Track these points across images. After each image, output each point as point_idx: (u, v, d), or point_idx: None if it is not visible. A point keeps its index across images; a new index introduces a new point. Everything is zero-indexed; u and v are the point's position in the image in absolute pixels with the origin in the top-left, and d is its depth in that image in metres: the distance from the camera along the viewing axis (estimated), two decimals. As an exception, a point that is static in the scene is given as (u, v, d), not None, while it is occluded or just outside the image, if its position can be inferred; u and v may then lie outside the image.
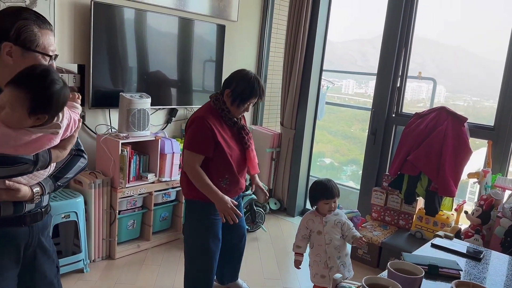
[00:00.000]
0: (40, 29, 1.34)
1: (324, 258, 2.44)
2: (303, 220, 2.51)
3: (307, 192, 4.40)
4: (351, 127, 7.86)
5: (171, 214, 3.56)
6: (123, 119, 3.14)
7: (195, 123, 2.29)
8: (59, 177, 1.46)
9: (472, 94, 6.03)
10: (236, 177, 2.39)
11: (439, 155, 3.20)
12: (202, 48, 3.81)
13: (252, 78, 2.31)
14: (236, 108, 2.34)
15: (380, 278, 1.04)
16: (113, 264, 3.09)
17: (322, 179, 2.51)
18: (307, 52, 4.04)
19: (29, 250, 1.46)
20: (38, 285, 1.52)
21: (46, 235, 1.53)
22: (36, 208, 1.43)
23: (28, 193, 1.35)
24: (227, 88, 2.33)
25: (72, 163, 1.49)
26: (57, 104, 1.27)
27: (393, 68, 3.60)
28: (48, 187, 1.42)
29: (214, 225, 2.43)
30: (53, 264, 1.58)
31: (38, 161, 1.29)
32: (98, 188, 3.00)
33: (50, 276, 1.56)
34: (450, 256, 1.51)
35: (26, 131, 1.23)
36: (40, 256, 1.50)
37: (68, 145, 1.38)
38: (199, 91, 3.89)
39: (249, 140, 2.44)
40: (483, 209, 2.83)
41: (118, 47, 3.23)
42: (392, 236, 3.40)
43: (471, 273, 1.39)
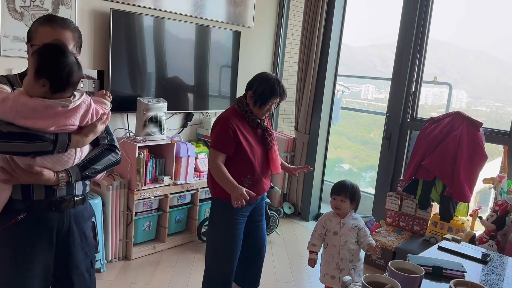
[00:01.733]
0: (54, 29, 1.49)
1: (336, 259, 2.45)
2: (321, 218, 2.54)
3: (321, 197, 4.41)
4: (371, 133, 7.81)
5: (186, 217, 3.63)
6: (140, 123, 3.22)
7: (219, 124, 2.40)
8: (87, 166, 1.53)
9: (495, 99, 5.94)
10: (259, 176, 2.44)
11: (454, 160, 3.18)
12: (218, 54, 3.88)
13: (272, 79, 2.40)
14: (258, 109, 2.42)
15: (379, 276, 1.07)
16: (129, 265, 3.17)
17: (343, 179, 2.55)
18: (321, 57, 4.08)
19: (61, 236, 1.54)
20: (70, 273, 1.59)
21: (81, 225, 1.60)
22: (68, 195, 1.52)
23: (52, 177, 1.43)
24: (249, 90, 2.43)
25: (101, 156, 1.57)
26: (59, 72, 1.35)
27: (408, 73, 3.60)
28: (75, 175, 1.49)
29: (236, 225, 2.48)
30: (87, 257, 1.65)
31: (57, 140, 1.37)
32: (116, 190, 3.09)
33: (82, 268, 1.62)
34: (457, 258, 1.52)
35: (40, 101, 1.33)
36: (72, 244, 1.57)
37: (90, 133, 1.45)
38: (215, 96, 3.96)
39: (272, 141, 2.50)
40: (498, 214, 2.80)
41: (137, 54, 3.33)
42: (407, 242, 3.38)
43: (476, 275, 1.40)
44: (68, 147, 1.42)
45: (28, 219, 1.46)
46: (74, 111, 1.40)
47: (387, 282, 1.04)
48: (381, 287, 1.03)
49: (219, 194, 2.44)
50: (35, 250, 1.49)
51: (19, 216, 1.44)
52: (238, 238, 2.53)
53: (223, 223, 2.50)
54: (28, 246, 1.48)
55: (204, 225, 3.56)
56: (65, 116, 1.38)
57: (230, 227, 2.49)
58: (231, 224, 2.48)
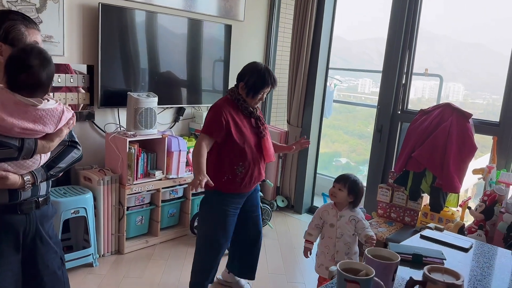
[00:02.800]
0: (27, 28, 1.47)
1: (332, 251, 2.46)
2: (319, 209, 2.55)
3: (314, 190, 4.43)
4: (368, 127, 7.82)
5: (178, 211, 3.64)
6: (131, 118, 3.23)
7: (213, 110, 2.45)
8: (52, 166, 1.53)
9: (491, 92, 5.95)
10: (251, 165, 2.46)
11: (444, 152, 3.19)
12: (210, 48, 3.88)
13: (262, 68, 2.44)
14: (251, 99, 2.47)
15: (355, 263, 1.08)
16: (122, 259, 3.18)
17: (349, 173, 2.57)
18: (313, 50, 4.08)
19: (28, 238, 1.52)
20: (41, 274, 1.58)
21: (46, 226, 1.59)
22: (33, 197, 1.50)
23: (17, 181, 1.41)
24: (240, 81, 2.47)
25: (64, 154, 1.56)
26: (16, 73, 1.34)
27: (398, 66, 3.61)
28: (40, 176, 1.48)
29: (225, 217, 2.50)
30: (56, 255, 1.64)
31: (23, 147, 1.35)
32: (107, 184, 3.10)
33: (53, 266, 1.61)
34: (438, 247, 1.54)
35: (11, 95, 1.32)
36: (40, 246, 1.56)
37: (56, 138, 1.44)
38: (208, 90, 3.96)
39: (264, 130, 2.53)
40: (486, 204, 2.82)
41: (126, 48, 3.32)
42: (397, 233, 3.40)
43: (455, 262, 1.42)
44: (33, 154, 1.40)
45: None
46: (44, 116, 1.38)
47: (362, 269, 1.05)
48: (356, 273, 1.04)
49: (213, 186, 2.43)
50: (1, 256, 1.46)
51: None
52: (226, 231, 2.53)
53: (212, 215, 2.51)
54: None
55: (196, 219, 3.58)
56: (34, 119, 1.35)
57: (218, 219, 2.50)
58: (220, 216, 2.49)
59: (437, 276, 1.02)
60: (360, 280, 1.00)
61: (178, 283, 2.90)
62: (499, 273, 1.36)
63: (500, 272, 1.37)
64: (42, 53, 1.40)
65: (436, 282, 0.99)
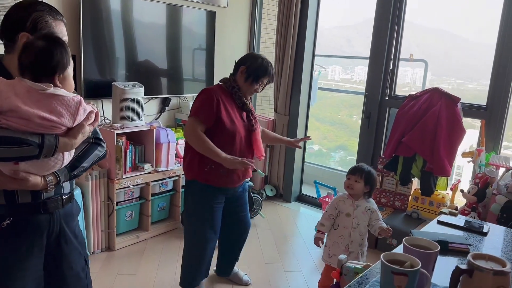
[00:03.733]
0: (54, 20, 1.41)
1: (346, 241, 2.44)
2: (334, 200, 2.52)
3: (302, 178, 4.42)
4: (339, 113, 7.90)
5: (169, 204, 3.55)
6: (117, 110, 3.10)
7: (203, 93, 2.34)
8: (76, 166, 1.43)
9: (456, 76, 6.10)
10: (238, 156, 2.37)
11: (434, 136, 3.23)
12: (192, 35, 3.77)
13: (264, 59, 2.40)
14: (249, 86, 2.37)
15: (398, 254, 1.05)
16: (113, 256, 3.08)
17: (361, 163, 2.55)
18: (299, 37, 4.03)
19: (52, 238, 1.45)
20: (64, 275, 1.50)
21: (72, 224, 1.52)
22: (56, 195, 1.42)
23: (39, 182, 1.32)
24: (242, 65, 2.37)
25: (89, 152, 1.47)
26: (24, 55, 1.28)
27: (386, 51, 3.61)
28: (63, 177, 1.40)
29: (211, 212, 2.41)
30: (81, 256, 1.57)
31: (43, 144, 1.25)
32: (95, 179, 2.98)
33: (77, 268, 1.54)
34: (456, 232, 1.54)
35: (23, 81, 1.25)
36: (64, 245, 1.49)
37: (78, 134, 1.34)
38: (190, 80, 3.85)
39: (255, 123, 2.45)
40: (478, 187, 2.88)
41: (108, 37, 3.18)
42: (389, 217, 3.44)
43: (480, 247, 1.42)
44: (55, 151, 1.30)
45: (15, 224, 1.35)
46: (58, 105, 1.28)
47: (406, 260, 1.03)
48: (401, 264, 1.01)
49: (195, 174, 2.35)
50: (25, 258, 1.38)
51: (4, 222, 1.32)
52: (212, 226, 2.45)
53: (197, 208, 2.43)
54: (17, 254, 1.37)
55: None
56: (48, 108, 1.26)
57: (204, 214, 2.41)
58: (205, 210, 2.41)
59: (482, 263, 1.00)
60: (409, 272, 0.97)
61: (175, 278, 2.83)
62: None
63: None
64: (50, 36, 1.32)
65: (483, 269, 0.98)
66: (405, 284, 0.97)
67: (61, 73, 1.31)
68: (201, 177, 2.34)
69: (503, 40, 3.08)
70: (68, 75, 1.35)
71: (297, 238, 3.56)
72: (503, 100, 3.10)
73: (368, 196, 2.47)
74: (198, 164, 2.32)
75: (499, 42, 3.10)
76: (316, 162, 5.25)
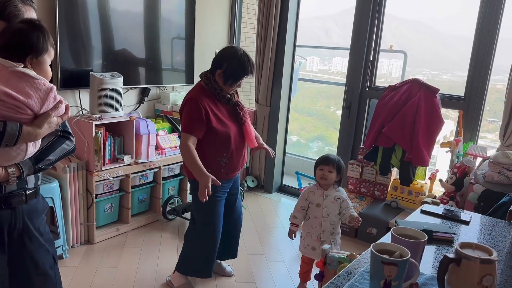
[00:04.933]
0: (24, 5, 1.37)
1: (318, 231, 2.48)
2: (304, 191, 2.55)
3: (283, 169, 4.43)
4: (316, 104, 7.93)
5: (149, 196, 3.51)
6: (95, 100, 3.02)
7: (187, 105, 2.29)
8: (40, 158, 1.37)
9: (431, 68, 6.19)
10: (234, 153, 2.39)
11: (413, 126, 3.28)
12: (171, 24, 3.69)
13: (242, 55, 2.29)
14: (229, 87, 2.35)
15: (387, 244, 1.06)
16: (93, 249, 3.02)
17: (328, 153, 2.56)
18: (280, 27, 4.00)
19: (14, 234, 1.38)
20: (30, 273, 1.44)
21: (36, 221, 1.45)
22: (19, 190, 1.36)
23: (1, 173, 1.27)
24: (218, 69, 2.30)
25: (56, 145, 1.41)
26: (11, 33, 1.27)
27: (366, 42, 3.63)
28: (27, 169, 1.34)
29: (218, 202, 2.46)
30: (48, 254, 1.50)
31: (4, 131, 1.19)
32: (73, 172, 2.90)
33: (44, 266, 1.48)
34: (440, 221, 1.56)
35: None
36: (29, 243, 1.43)
37: (43, 124, 1.28)
38: (169, 70, 3.78)
39: (244, 115, 2.44)
40: (456, 176, 2.94)
41: (84, 25, 3.08)
42: (369, 207, 3.49)
43: (463, 236, 1.45)
44: (17, 140, 1.23)
45: None
46: (27, 86, 1.23)
47: (394, 250, 1.03)
48: (390, 254, 1.02)
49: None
50: None
51: None
52: (220, 215, 2.51)
53: (205, 203, 2.43)
54: None
55: (169, 204, 3.47)
56: (16, 87, 1.21)
57: (212, 206, 2.44)
58: (213, 203, 2.43)
59: (469, 252, 1.02)
60: (399, 262, 0.98)
61: (157, 270, 2.81)
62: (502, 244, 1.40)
63: (504, 243, 1.41)
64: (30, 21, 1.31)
65: (471, 258, 0.99)
66: (395, 273, 0.98)
67: (34, 56, 1.28)
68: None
69: (480, 32, 3.13)
70: (43, 61, 1.32)
71: (279, 228, 3.58)
72: (481, 91, 3.16)
73: (338, 184, 2.51)
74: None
75: (477, 34, 3.15)
76: (294, 152, 5.27)
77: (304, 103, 7.51)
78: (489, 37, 3.09)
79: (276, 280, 2.80)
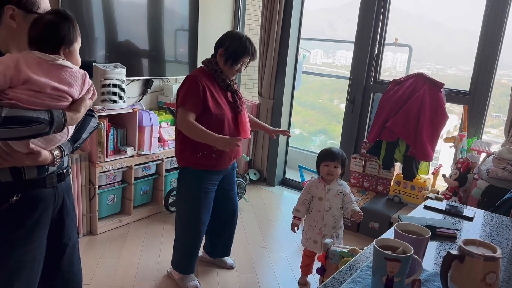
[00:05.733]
0: None
1: (320, 224, 2.48)
2: (307, 185, 2.54)
3: (286, 162, 4.42)
4: (320, 98, 7.90)
5: (151, 188, 3.51)
6: (98, 91, 3.01)
7: (188, 81, 2.30)
8: (77, 138, 1.48)
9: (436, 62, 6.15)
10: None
11: (417, 121, 3.26)
12: (174, 16, 3.67)
13: (243, 37, 2.34)
14: (229, 68, 2.34)
15: (390, 239, 1.05)
16: (95, 240, 3.03)
17: (330, 147, 2.56)
18: (284, 19, 3.97)
19: (55, 212, 1.49)
20: (65, 245, 1.55)
21: (70, 197, 1.56)
22: (58, 170, 1.45)
23: (48, 157, 1.36)
24: (220, 47, 2.33)
25: (86, 123, 1.51)
26: (43, 25, 1.32)
27: (371, 35, 3.60)
28: (67, 150, 1.44)
29: (206, 194, 2.42)
30: (75, 228, 1.63)
31: (53, 121, 1.29)
32: (76, 163, 2.90)
33: (74, 238, 1.61)
34: (443, 216, 1.55)
35: (29, 52, 1.30)
36: (66, 217, 1.53)
37: (81, 108, 1.38)
38: (173, 62, 3.77)
39: (241, 104, 2.42)
40: (460, 172, 2.92)
41: (87, 15, 3.07)
42: (371, 201, 3.48)
43: (466, 232, 1.44)
44: (64, 126, 1.34)
45: (23, 200, 1.37)
46: (68, 76, 1.32)
47: (397, 246, 1.03)
48: (393, 250, 1.01)
49: (188, 161, 2.36)
50: (33, 231, 1.41)
51: (12, 199, 1.34)
52: (207, 208, 2.47)
53: (191, 193, 2.42)
54: (26, 228, 1.39)
55: (171, 196, 3.47)
56: (58, 79, 1.30)
57: (199, 197, 2.42)
58: (200, 193, 2.41)
59: (472, 249, 1.01)
60: (402, 258, 0.97)
61: (159, 261, 2.82)
62: (506, 241, 1.39)
63: (507, 240, 1.40)
64: (59, 11, 1.37)
65: (474, 255, 0.98)
66: (397, 269, 0.97)
67: (67, 47, 1.35)
68: (194, 163, 2.34)
69: (487, 26, 3.09)
70: (74, 50, 1.39)
71: (280, 222, 3.58)
72: (486, 86, 3.13)
73: (340, 177, 2.52)
74: (190, 151, 2.32)
75: (484, 28, 3.12)
76: (297, 146, 5.26)
77: (307, 96, 7.49)
78: (496, 31, 3.05)
79: (277, 273, 2.80)
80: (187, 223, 2.48)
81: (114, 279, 2.59)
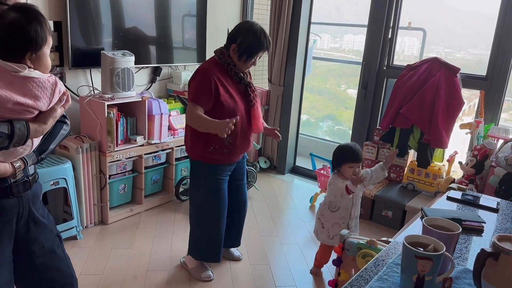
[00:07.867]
0: None
1: (347, 220, 2.48)
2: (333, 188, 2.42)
3: (296, 150, 4.37)
4: (327, 83, 7.80)
5: (162, 177, 3.48)
6: (107, 79, 2.96)
7: (199, 75, 2.22)
8: (43, 149, 1.35)
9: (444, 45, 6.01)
10: (239, 134, 2.31)
11: (432, 107, 3.18)
12: (181, 0, 3.58)
13: (258, 30, 2.21)
14: (243, 63, 2.26)
15: (420, 236, 1.00)
16: (107, 229, 3.02)
17: (348, 143, 2.49)
18: (295, 3, 3.87)
19: (21, 222, 1.38)
20: (38, 256, 1.45)
21: (37, 205, 1.44)
22: (23, 177, 1.34)
23: (8, 169, 1.25)
24: (233, 43, 2.23)
25: (55, 132, 1.37)
26: (4, 27, 1.14)
27: (385, 19, 3.50)
28: (31, 161, 1.33)
29: (220, 185, 2.40)
30: (52, 234, 1.51)
31: (13, 134, 1.16)
32: (86, 152, 2.87)
33: (50, 246, 1.49)
34: (468, 208, 1.50)
35: None
36: (34, 228, 1.42)
37: (48, 119, 1.25)
38: (181, 48, 3.70)
39: (254, 98, 2.35)
40: (477, 159, 2.85)
41: (94, 2, 3.00)
42: (384, 189, 3.43)
43: (492, 224, 1.39)
44: (26, 140, 1.21)
45: None
46: (34, 88, 1.17)
47: (429, 243, 0.98)
48: (423, 247, 0.96)
49: (200, 155, 2.33)
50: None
51: None
52: (223, 199, 2.45)
53: (206, 185, 2.39)
54: None
55: (181, 185, 3.44)
56: (22, 91, 1.14)
57: (215, 189, 2.39)
58: (215, 185, 2.38)
59: (507, 245, 0.96)
60: (434, 256, 0.92)
61: (171, 251, 2.80)
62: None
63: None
64: (25, 8, 1.17)
65: (510, 253, 0.93)
66: (429, 268, 0.93)
67: (34, 52, 1.17)
68: (206, 157, 2.31)
69: (506, 9, 2.99)
70: (43, 55, 1.21)
71: (292, 210, 3.54)
72: (504, 71, 3.04)
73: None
74: (202, 145, 2.28)
75: (502, 11, 3.01)
76: (304, 132, 5.20)
77: (314, 81, 7.39)
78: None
79: (290, 262, 2.77)
80: (206, 216, 2.45)
81: (127, 269, 2.58)
